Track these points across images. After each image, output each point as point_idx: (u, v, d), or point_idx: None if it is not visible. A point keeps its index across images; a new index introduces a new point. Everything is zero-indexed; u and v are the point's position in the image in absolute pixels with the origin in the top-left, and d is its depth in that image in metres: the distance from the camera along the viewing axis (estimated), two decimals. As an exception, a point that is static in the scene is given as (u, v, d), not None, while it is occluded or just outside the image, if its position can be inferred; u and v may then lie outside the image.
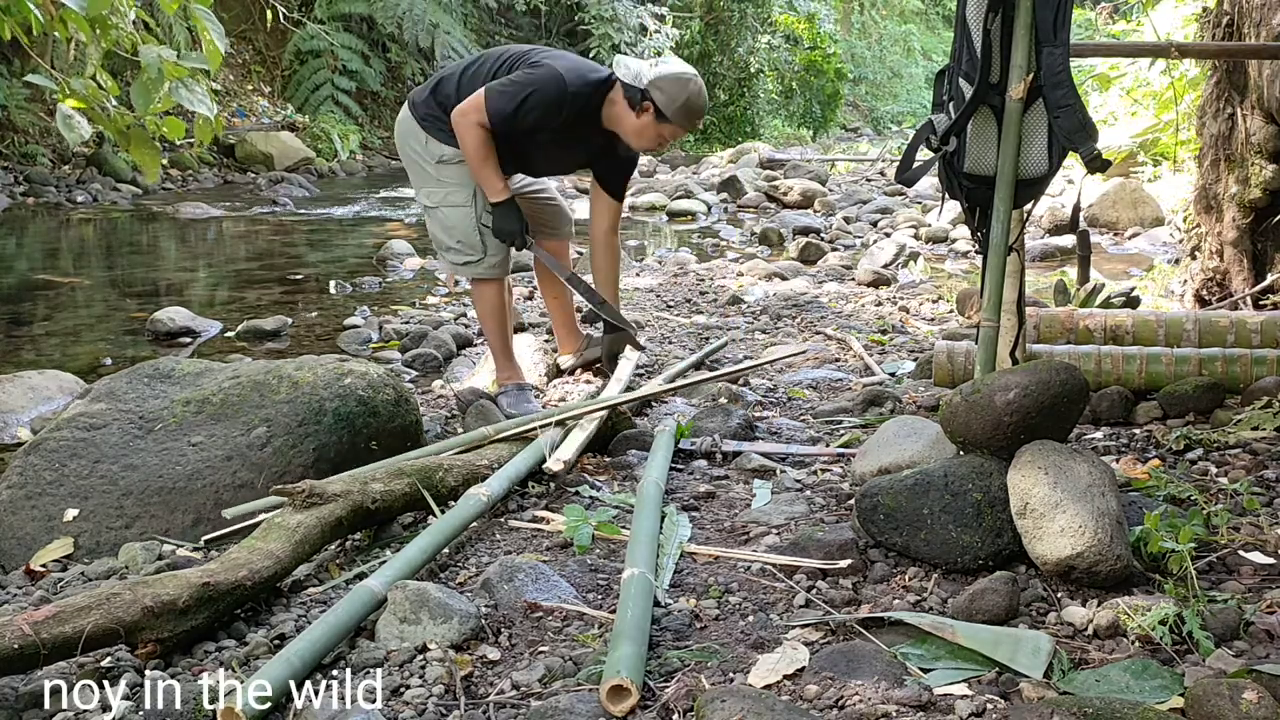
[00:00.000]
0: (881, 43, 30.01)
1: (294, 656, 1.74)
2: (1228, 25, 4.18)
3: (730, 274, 6.45)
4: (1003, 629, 1.88)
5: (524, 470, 2.70)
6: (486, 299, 3.64)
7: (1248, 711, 1.48)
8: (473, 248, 3.57)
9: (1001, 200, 2.45)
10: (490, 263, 3.59)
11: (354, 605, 1.93)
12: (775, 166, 12.92)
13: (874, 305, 5.40)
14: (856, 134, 25.03)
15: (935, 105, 2.59)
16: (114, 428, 2.61)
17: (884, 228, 8.56)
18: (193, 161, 12.32)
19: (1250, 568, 2.12)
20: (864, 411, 3.42)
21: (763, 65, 19.31)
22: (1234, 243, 4.38)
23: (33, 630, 1.71)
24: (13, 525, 2.48)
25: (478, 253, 3.58)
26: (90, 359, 4.61)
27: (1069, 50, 2.40)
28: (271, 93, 15.06)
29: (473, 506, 2.41)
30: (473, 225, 3.55)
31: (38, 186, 10.35)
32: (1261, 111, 4.04)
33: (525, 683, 1.76)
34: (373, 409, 2.74)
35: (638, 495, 2.49)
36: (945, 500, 2.15)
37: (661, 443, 2.91)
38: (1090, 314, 3.75)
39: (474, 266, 3.60)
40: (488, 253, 3.58)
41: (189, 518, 2.48)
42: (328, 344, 4.84)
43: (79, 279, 6.53)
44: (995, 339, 2.51)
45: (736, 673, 1.78)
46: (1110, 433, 3.16)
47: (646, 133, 3.49)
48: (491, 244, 3.57)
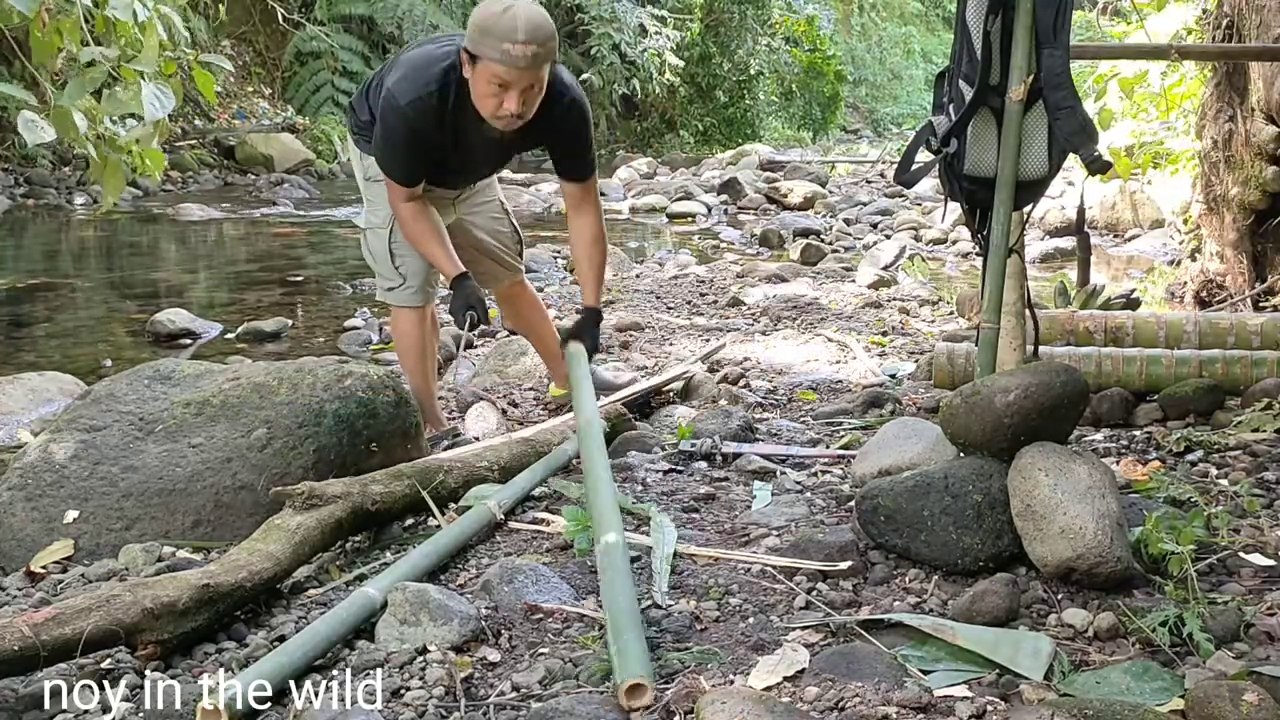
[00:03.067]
0: (881, 45, 30.01)
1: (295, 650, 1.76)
2: (1228, 27, 4.18)
3: (730, 276, 6.45)
4: (1003, 631, 1.88)
5: (537, 481, 2.70)
6: (402, 330, 3.29)
7: (1248, 713, 1.48)
8: (390, 275, 3.22)
9: (1001, 202, 2.45)
10: (409, 289, 3.22)
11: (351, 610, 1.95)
12: (775, 168, 12.93)
13: (874, 307, 5.40)
14: (856, 136, 25.03)
15: (935, 107, 2.59)
16: (114, 429, 2.61)
17: (884, 229, 8.57)
18: (193, 163, 12.33)
19: (1251, 569, 2.12)
20: (864, 413, 3.42)
21: (763, 67, 19.32)
22: (1234, 244, 4.38)
23: (33, 632, 1.71)
24: (12, 527, 2.47)
25: (395, 279, 3.22)
26: (90, 361, 4.61)
27: (1069, 52, 2.40)
28: (272, 94, 15.07)
29: (480, 518, 2.42)
30: (385, 250, 3.19)
31: (38, 188, 10.36)
32: (1262, 114, 4.04)
33: (525, 684, 1.76)
34: (373, 411, 2.74)
35: (579, 434, 2.47)
36: (945, 502, 2.15)
37: (579, 370, 2.93)
38: (1090, 315, 3.75)
39: (394, 293, 3.25)
40: (406, 279, 3.21)
41: (189, 519, 2.48)
42: (328, 345, 4.84)
43: (78, 279, 6.54)
44: (995, 341, 2.51)
45: (737, 674, 1.78)
46: (1110, 434, 3.16)
47: (481, 93, 2.80)
48: (409, 270, 3.20)
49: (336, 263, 7.27)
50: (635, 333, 4.85)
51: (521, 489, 2.61)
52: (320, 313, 5.64)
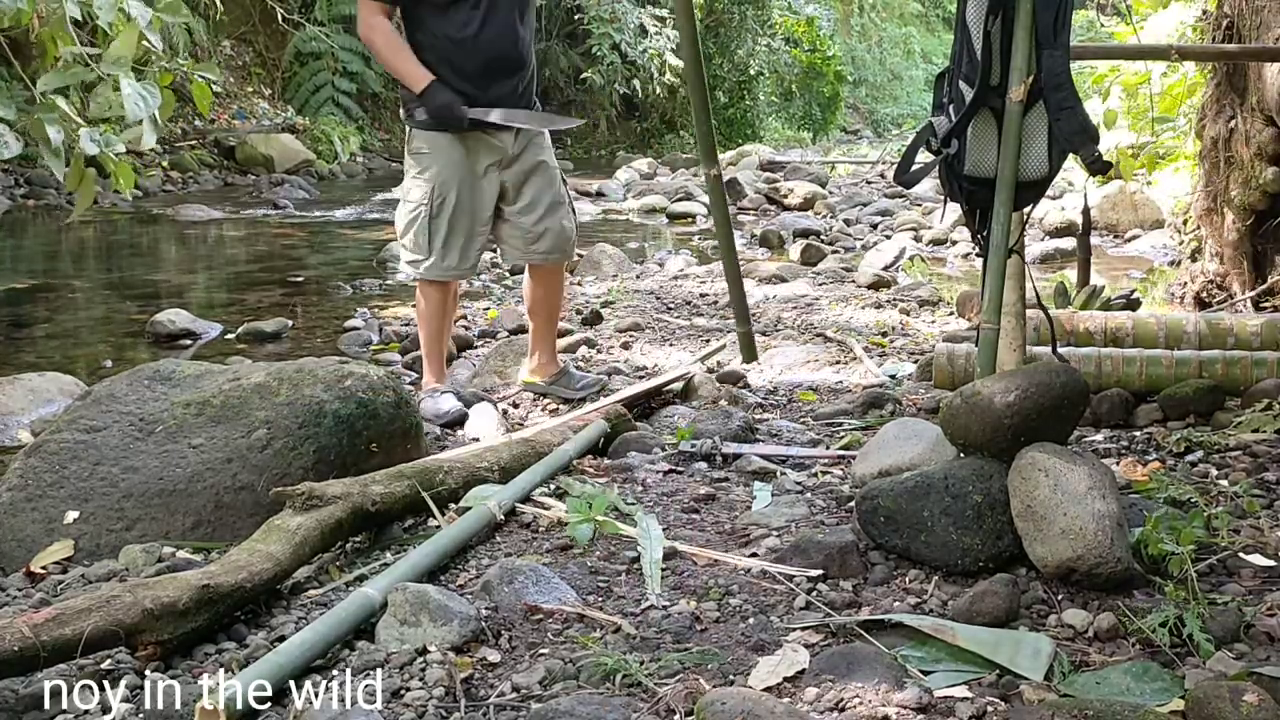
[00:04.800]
0: (881, 45, 30.01)
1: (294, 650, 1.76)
2: (1228, 28, 4.18)
3: (730, 276, 6.44)
4: (1003, 631, 1.88)
5: (539, 481, 2.70)
6: (427, 301, 3.53)
7: (1248, 714, 1.48)
8: (419, 248, 3.45)
9: (1001, 203, 2.45)
10: (438, 264, 3.44)
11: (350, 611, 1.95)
12: (775, 169, 12.91)
13: (874, 307, 5.40)
14: (856, 136, 25.02)
15: (936, 107, 2.59)
16: (114, 430, 2.61)
17: (884, 230, 8.56)
18: (193, 164, 12.33)
19: (1251, 570, 2.12)
20: (864, 414, 3.42)
21: (763, 68, 19.31)
22: (1234, 245, 4.38)
23: (33, 632, 1.71)
24: (13, 527, 2.47)
25: (424, 253, 3.44)
26: (91, 361, 4.61)
27: (1069, 52, 2.40)
28: (272, 95, 15.05)
29: (480, 518, 2.42)
30: (424, 224, 3.41)
31: (38, 189, 10.35)
32: (1261, 114, 4.04)
33: (525, 685, 1.76)
34: (373, 411, 2.74)
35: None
36: (946, 502, 2.15)
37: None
38: (1090, 316, 3.75)
39: (419, 266, 3.47)
40: (432, 253, 3.43)
41: (189, 520, 2.48)
42: (328, 346, 4.84)
43: (78, 280, 6.54)
44: (995, 341, 2.51)
45: (737, 675, 1.78)
46: (1110, 435, 3.16)
47: None
48: (439, 246, 3.42)
49: (336, 263, 7.26)
50: (635, 333, 4.85)
51: (521, 489, 2.61)
52: (320, 313, 5.64)
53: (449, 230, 3.42)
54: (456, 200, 3.41)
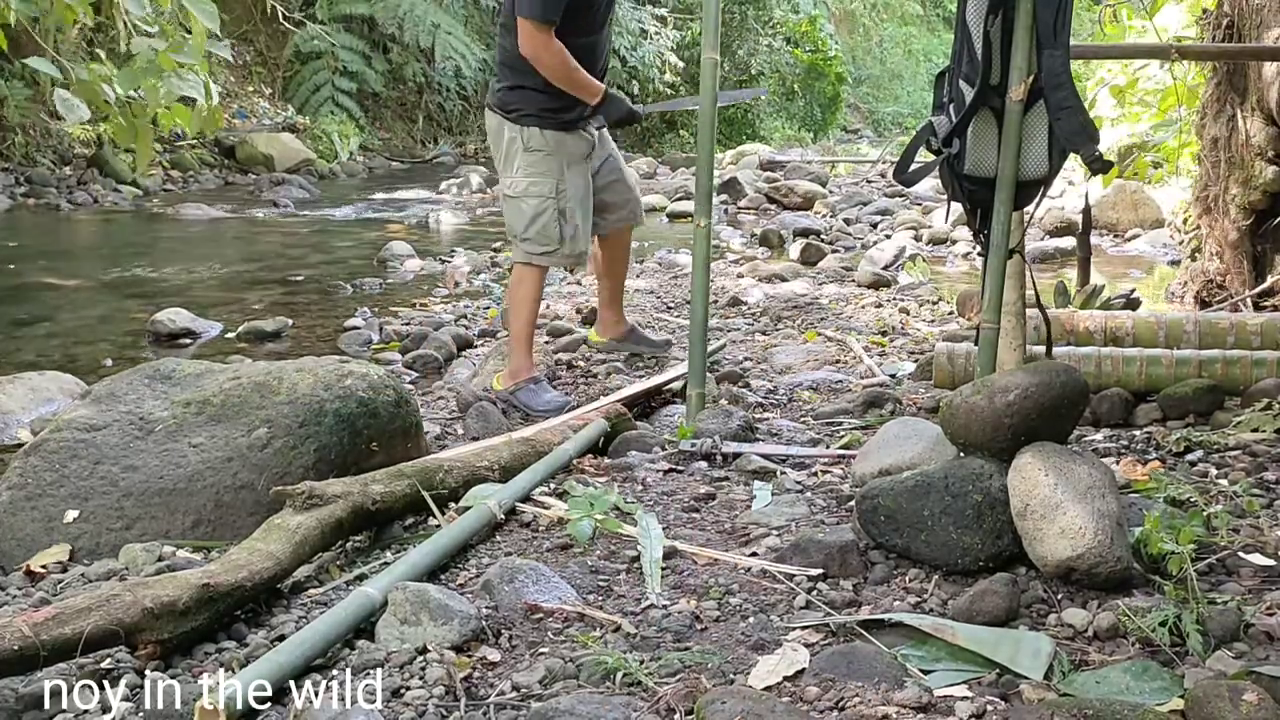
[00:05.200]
0: (882, 45, 30.01)
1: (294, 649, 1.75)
2: (1228, 27, 4.18)
3: (730, 275, 6.45)
4: (1003, 630, 1.88)
5: (539, 480, 2.70)
6: (529, 284, 3.77)
7: (1248, 713, 1.48)
8: (549, 239, 3.70)
9: (1002, 202, 2.45)
10: (570, 249, 3.74)
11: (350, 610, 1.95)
12: (776, 168, 12.90)
13: (874, 307, 5.40)
14: (857, 136, 25.02)
15: (936, 107, 2.59)
16: (114, 429, 2.61)
17: (884, 229, 8.56)
18: (193, 163, 12.32)
19: (1250, 569, 2.12)
20: (864, 413, 3.42)
21: (763, 67, 19.31)
22: (1234, 244, 4.38)
23: (32, 632, 1.71)
24: (13, 526, 2.48)
25: (554, 244, 3.71)
26: (91, 360, 4.61)
27: (1069, 52, 2.40)
28: (272, 94, 15.05)
29: (480, 518, 2.42)
30: (553, 216, 3.68)
31: (38, 188, 10.34)
32: (1262, 114, 4.04)
33: (526, 684, 1.76)
34: (373, 410, 2.74)
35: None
36: (945, 502, 2.15)
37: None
38: (1090, 316, 3.75)
39: (548, 256, 3.75)
40: (564, 240, 3.71)
41: (189, 519, 2.48)
42: (328, 345, 4.84)
43: (78, 279, 6.54)
44: (995, 341, 2.51)
45: (737, 674, 1.78)
46: (1110, 434, 3.16)
47: None
48: (570, 234, 3.71)
49: (337, 262, 7.26)
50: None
51: (522, 488, 2.61)
52: (320, 313, 5.64)
53: (578, 217, 3.74)
54: (580, 190, 3.75)
